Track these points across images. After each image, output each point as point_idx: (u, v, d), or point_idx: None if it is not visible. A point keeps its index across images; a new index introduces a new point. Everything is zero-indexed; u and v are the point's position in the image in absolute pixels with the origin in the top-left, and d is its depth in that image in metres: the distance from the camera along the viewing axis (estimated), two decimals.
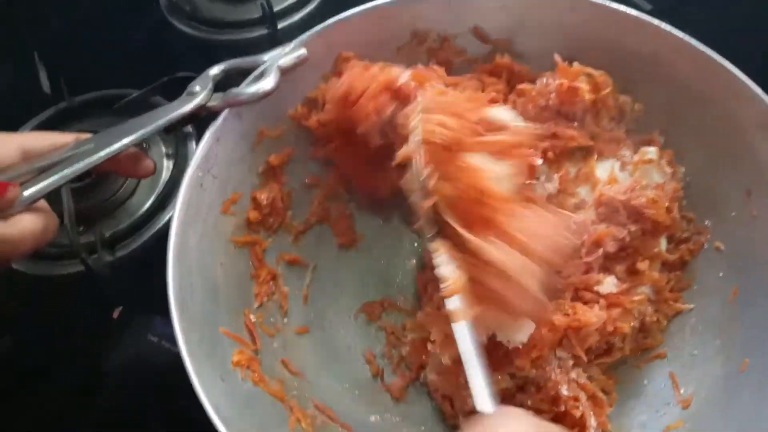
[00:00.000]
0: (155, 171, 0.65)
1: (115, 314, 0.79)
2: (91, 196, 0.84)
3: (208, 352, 0.58)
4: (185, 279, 0.59)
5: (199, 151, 0.63)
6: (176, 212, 0.60)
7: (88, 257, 0.77)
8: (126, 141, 0.59)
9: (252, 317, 0.67)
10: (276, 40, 0.98)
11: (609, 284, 0.65)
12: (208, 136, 0.64)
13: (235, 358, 0.60)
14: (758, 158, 0.64)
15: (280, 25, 1.00)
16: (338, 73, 0.73)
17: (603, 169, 0.70)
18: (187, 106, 0.63)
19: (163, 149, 0.91)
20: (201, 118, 0.66)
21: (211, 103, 0.64)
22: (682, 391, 0.64)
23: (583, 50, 0.72)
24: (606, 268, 0.66)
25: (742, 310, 0.64)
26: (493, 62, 0.76)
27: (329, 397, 0.67)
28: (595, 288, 0.65)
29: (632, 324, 0.65)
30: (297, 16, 1.02)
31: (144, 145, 0.89)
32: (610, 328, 0.63)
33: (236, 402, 0.56)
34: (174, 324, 0.55)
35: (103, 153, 0.58)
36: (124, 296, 0.80)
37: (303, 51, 0.68)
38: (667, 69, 0.69)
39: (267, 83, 0.65)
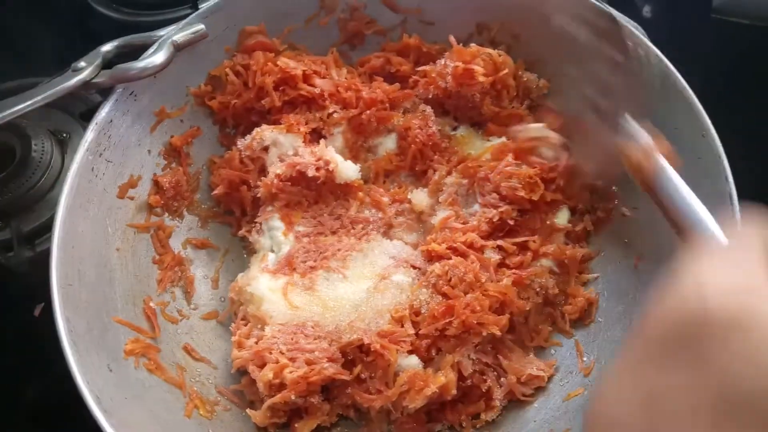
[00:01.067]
0: None
1: (37, 312, 0.76)
2: (7, 190, 0.80)
3: (97, 342, 0.56)
4: (73, 267, 0.57)
5: (88, 134, 0.61)
6: (62, 199, 0.58)
7: (3, 255, 0.75)
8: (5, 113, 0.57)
9: (152, 304, 0.65)
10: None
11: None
12: (97, 119, 0.62)
13: (129, 347, 0.59)
14: (657, 120, 0.63)
15: (202, 6, 0.97)
16: (244, 49, 0.71)
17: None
18: (69, 82, 0.60)
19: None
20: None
21: (97, 80, 0.62)
22: (585, 359, 0.63)
23: (495, 16, 0.72)
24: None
25: (645, 276, 0.64)
26: (402, 42, 0.75)
27: (235, 381, 0.65)
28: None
29: (534, 300, 0.65)
30: None
31: (65, 135, 0.86)
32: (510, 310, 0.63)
33: (125, 392, 0.55)
34: (55, 313, 0.53)
35: None
36: (47, 292, 0.78)
37: (201, 26, 0.66)
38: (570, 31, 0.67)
39: (157, 58, 0.63)
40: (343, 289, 0.65)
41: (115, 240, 0.64)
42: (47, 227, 0.77)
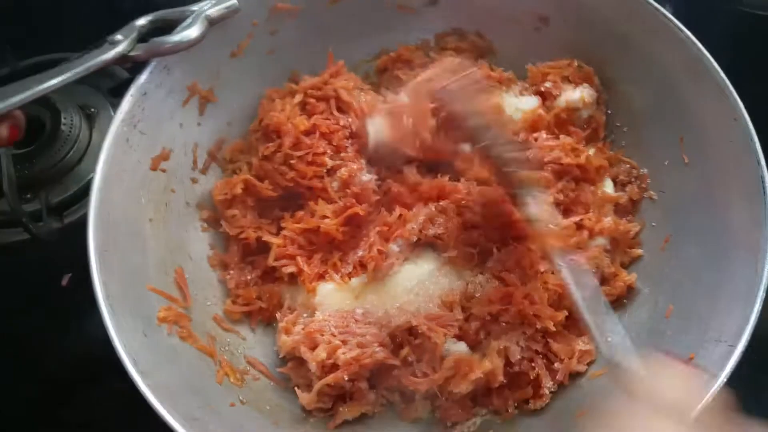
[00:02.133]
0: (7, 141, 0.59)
1: (65, 281, 0.78)
2: (36, 162, 0.82)
3: (132, 307, 0.57)
4: (108, 234, 0.58)
5: (123, 106, 0.62)
6: (99, 167, 0.59)
7: (34, 224, 0.76)
8: (38, 88, 0.57)
9: (186, 274, 0.66)
10: None
11: None
12: (132, 90, 0.63)
13: (161, 314, 0.60)
14: (687, 104, 0.64)
15: None
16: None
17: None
18: (107, 55, 0.60)
19: (112, 114, 0.89)
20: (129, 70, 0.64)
21: (133, 53, 0.62)
22: (609, 339, 0.64)
23: None
24: None
25: (671, 259, 0.64)
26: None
27: (263, 353, 0.67)
28: None
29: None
30: None
31: (93, 110, 0.87)
32: None
33: (159, 356, 0.56)
34: (93, 276, 0.55)
35: (16, 99, 0.55)
36: (74, 262, 0.79)
37: (234, 1, 0.67)
38: (590, 11, 0.69)
39: (192, 32, 0.63)
40: (400, 275, 0.65)
41: (148, 211, 0.65)
42: (75, 199, 0.80)
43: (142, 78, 0.64)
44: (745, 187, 0.58)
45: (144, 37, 0.64)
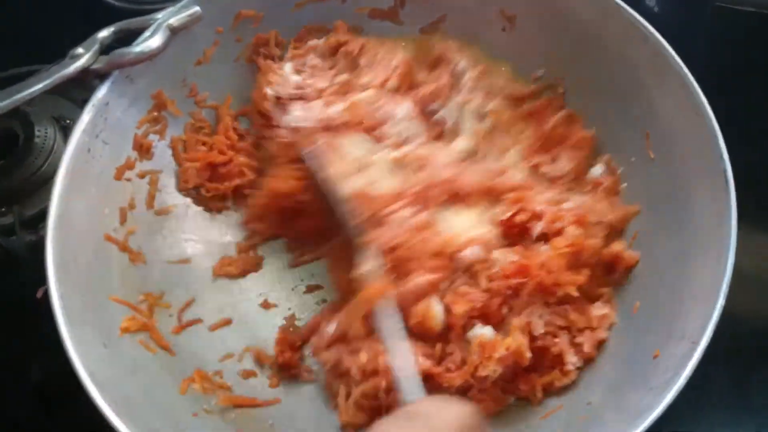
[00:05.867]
0: None
1: (39, 293, 0.77)
2: (10, 176, 0.82)
3: (92, 319, 0.57)
4: (69, 246, 0.58)
5: (84, 116, 0.62)
6: (58, 178, 0.59)
7: (6, 239, 0.76)
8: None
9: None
10: None
11: None
12: (93, 101, 0.63)
13: (124, 324, 0.60)
14: (652, 99, 0.63)
15: None
16: None
17: None
18: (67, 70, 0.61)
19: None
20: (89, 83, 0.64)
21: (95, 66, 0.62)
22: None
23: None
24: None
25: (639, 256, 0.63)
26: None
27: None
28: None
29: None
30: None
31: (68, 121, 0.87)
32: None
33: (119, 369, 0.56)
34: (50, 290, 0.54)
35: None
36: None
37: (196, 9, 0.67)
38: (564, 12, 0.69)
39: (153, 42, 0.63)
40: None
41: (113, 221, 0.64)
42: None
43: (103, 89, 0.63)
44: (710, 182, 0.58)
45: (106, 49, 0.64)
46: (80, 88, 0.85)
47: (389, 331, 0.57)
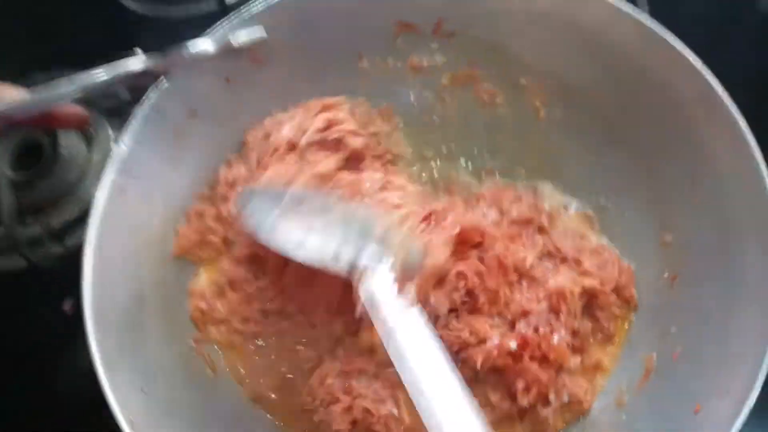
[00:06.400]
0: (88, 120, 0.63)
1: (66, 306, 0.78)
2: (36, 187, 0.82)
3: (129, 362, 0.57)
4: (105, 289, 0.58)
5: (116, 155, 0.62)
6: (92, 225, 0.59)
7: (34, 250, 0.76)
8: (62, 91, 0.58)
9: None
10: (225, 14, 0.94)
11: None
12: (125, 139, 0.62)
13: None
14: (700, 139, 0.61)
15: (229, 0, 0.95)
16: None
17: None
18: (134, 64, 0.61)
19: (111, 134, 0.89)
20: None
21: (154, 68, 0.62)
22: None
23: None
24: None
25: (679, 300, 0.62)
26: None
27: None
28: None
29: None
30: None
31: (91, 130, 0.86)
32: None
33: (157, 412, 0.57)
34: (88, 336, 0.55)
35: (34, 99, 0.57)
36: (77, 286, 0.79)
37: (262, 34, 0.65)
38: (609, 40, 0.66)
39: (208, 45, 0.63)
40: None
41: (145, 257, 0.65)
42: (76, 222, 0.79)
43: (135, 125, 0.63)
44: (758, 235, 0.56)
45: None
46: (104, 98, 0.87)
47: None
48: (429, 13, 0.72)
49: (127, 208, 0.62)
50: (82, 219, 0.78)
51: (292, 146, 0.68)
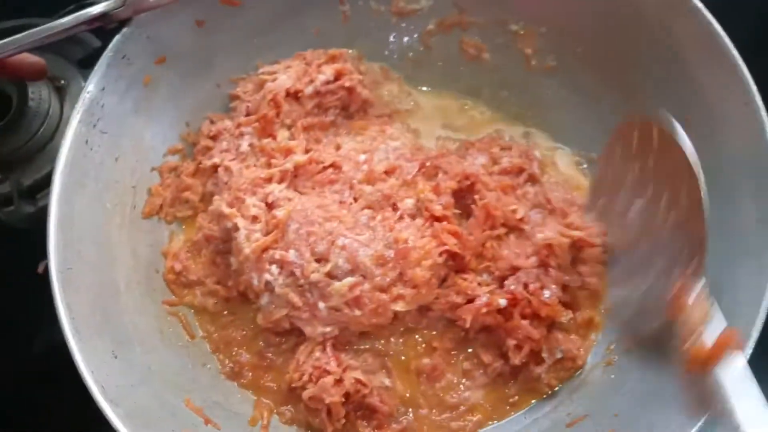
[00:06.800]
0: (45, 69, 0.61)
1: (41, 268, 0.75)
2: (4, 142, 0.77)
3: (100, 327, 0.55)
4: (72, 248, 0.55)
5: (79, 105, 0.58)
6: (56, 177, 0.56)
7: (4, 210, 0.73)
8: (22, 39, 0.56)
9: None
10: None
11: None
12: (89, 87, 0.59)
13: None
14: (696, 81, 0.59)
15: None
16: None
17: None
18: (93, 9, 0.57)
19: (83, 85, 0.84)
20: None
21: (117, 11, 0.58)
22: None
23: None
24: None
25: None
26: None
27: None
28: None
29: None
30: None
31: (63, 82, 0.82)
32: None
33: (131, 378, 0.54)
34: (56, 300, 0.52)
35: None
36: None
37: None
38: None
39: None
40: None
41: (115, 216, 0.61)
42: (48, 180, 0.74)
43: (98, 73, 0.59)
44: (755, 177, 0.54)
45: None
46: (76, 46, 0.83)
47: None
48: None
49: (93, 165, 0.59)
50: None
51: (293, 95, 0.66)
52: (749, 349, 0.49)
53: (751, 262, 0.53)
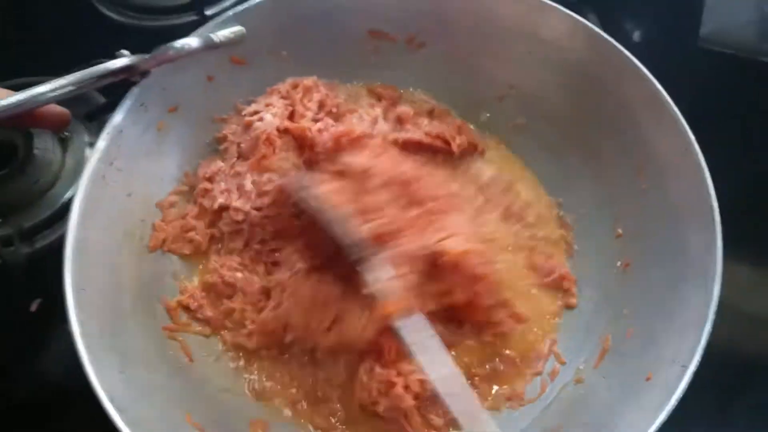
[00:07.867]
0: (69, 119, 0.64)
1: (33, 307, 0.78)
2: (9, 187, 0.82)
3: (109, 345, 0.58)
4: (85, 272, 0.59)
5: (99, 144, 0.63)
6: (75, 207, 0.60)
7: (3, 250, 0.76)
8: (46, 89, 0.59)
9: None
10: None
11: None
12: (108, 128, 0.64)
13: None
14: (646, 137, 0.68)
15: (208, 12, 0.98)
16: None
17: None
18: (116, 63, 0.62)
19: (87, 139, 0.90)
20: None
21: (140, 64, 0.64)
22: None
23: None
24: None
25: (632, 284, 0.68)
26: None
27: None
28: None
29: None
30: (227, 2, 1.01)
31: (67, 134, 0.87)
32: None
33: (135, 392, 0.57)
34: (70, 317, 0.55)
35: (22, 98, 0.57)
36: (44, 288, 0.78)
37: (240, 28, 0.68)
38: (567, 51, 0.73)
39: (192, 42, 0.65)
40: None
41: (124, 245, 0.66)
42: (47, 224, 0.79)
43: (119, 117, 0.65)
44: (699, 215, 0.62)
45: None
46: (81, 102, 0.89)
47: (422, 344, 0.56)
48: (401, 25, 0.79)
49: (108, 198, 0.64)
50: (53, 221, 0.79)
51: (283, 130, 0.72)
52: (693, 367, 0.56)
53: (699, 281, 0.60)
